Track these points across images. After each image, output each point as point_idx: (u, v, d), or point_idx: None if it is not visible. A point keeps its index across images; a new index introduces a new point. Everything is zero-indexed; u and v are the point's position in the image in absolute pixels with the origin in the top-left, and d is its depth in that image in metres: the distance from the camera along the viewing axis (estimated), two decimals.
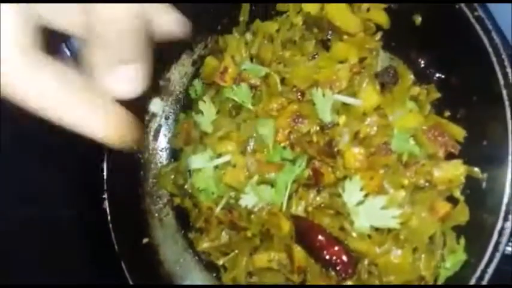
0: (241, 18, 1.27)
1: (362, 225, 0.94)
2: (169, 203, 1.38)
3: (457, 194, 0.99)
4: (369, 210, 0.94)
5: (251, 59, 1.21)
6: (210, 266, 1.30)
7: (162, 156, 1.40)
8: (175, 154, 1.38)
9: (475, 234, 0.92)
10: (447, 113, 1.04)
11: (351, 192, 0.96)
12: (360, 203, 0.96)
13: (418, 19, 1.04)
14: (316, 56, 1.11)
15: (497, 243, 0.82)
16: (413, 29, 1.05)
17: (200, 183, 1.18)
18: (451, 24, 0.94)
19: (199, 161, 1.19)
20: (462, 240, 0.93)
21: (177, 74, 1.39)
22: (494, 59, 0.84)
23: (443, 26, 0.97)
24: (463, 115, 1.00)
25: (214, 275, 1.29)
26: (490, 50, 0.84)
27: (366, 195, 0.96)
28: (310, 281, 1.10)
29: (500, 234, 0.82)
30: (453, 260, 0.90)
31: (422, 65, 1.05)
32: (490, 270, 0.81)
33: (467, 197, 0.97)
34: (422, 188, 1.00)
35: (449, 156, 1.00)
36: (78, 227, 1.69)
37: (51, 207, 1.73)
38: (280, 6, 1.21)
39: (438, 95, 1.03)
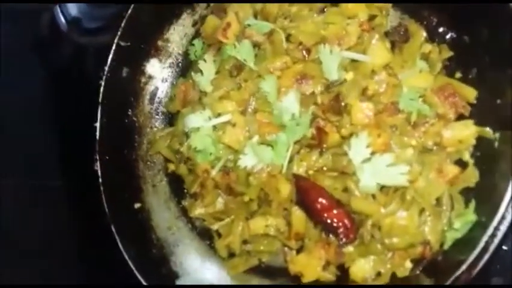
0: None
1: (368, 183, 0.90)
2: (163, 169, 1.33)
3: (467, 157, 0.95)
4: (375, 167, 0.90)
5: (255, 16, 1.16)
6: (203, 234, 1.25)
7: (158, 121, 1.35)
8: (171, 119, 1.33)
9: (484, 196, 0.88)
10: (458, 74, 1.00)
11: (357, 149, 0.91)
12: (367, 160, 0.91)
13: None
14: (324, 11, 1.07)
15: (511, 200, 0.77)
16: None
17: (197, 144, 1.13)
18: None
19: (197, 120, 1.14)
20: (472, 203, 0.89)
21: (177, 34, 1.34)
22: (511, 10, 0.79)
23: None
24: (475, 75, 0.97)
25: (208, 242, 1.24)
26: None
27: (373, 153, 0.92)
28: (308, 247, 1.05)
29: None
30: (463, 221, 0.86)
31: (434, 23, 1.01)
32: (503, 227, 0.77)
33: (478, 160, 0.93)
34: (431, 150, 0.96)
35: (460, 118, 0.96)
36: (69, 197, 1.65)
37: (41, 175, 1.68)
38: None
39: (450, 53, 0.99)
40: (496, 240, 0.78)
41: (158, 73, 1.34)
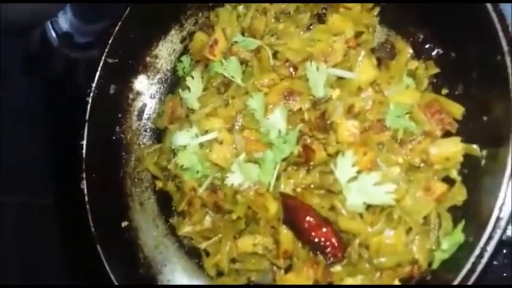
0: None
1: (355, 202, 0.89)
2: (151, 186, 1.32)
3: (454, 174, 0.94)
4: (362, 186, 0.88)
5: (242, 34, 1.16)
6: (191, 253, 1.24)
7: (146, 137, 1.34)
8: (159, 136, 1.32)
9: (472, 214, 0.87)
10: (445, 91, 1.00)
11: (344, 168, 0.90)
12: (353, 179, 0.90)
13: None
14: (310, 28, 1.07)
15: (498, 219, 0.76)
16: (413, 3, 1.01)
17: (184, 162, 1.12)
18: None
19: (184, 137, 1.13)
20: (461, 223, 0.87)
21: (165, 50, 1.33)
22: (498, 26, 0.79)
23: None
24: (462, 91, 0.96)
25: (196, 261, 1.22)
26: (493, 16, 0.80)
27: (359, 172, 0.90)
28: (296, 266, 1.04)
29: (501, 210, 0.77)
30: (450, 242, 0.85)
31: (421, 40, 1.00)
32: (490, 248, 0.76)
33: (465, 177, 0.92)
34: (418, 168, 0.95)
35: (447, 135, 0.96)
36: (53, 212, 1.63)
37: (26, 193, 1.67)
38: None
39: (437, 70, 0.98)
40: (484, 261, 0.77)
41: (146, 89, 1.34)
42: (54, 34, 1.77)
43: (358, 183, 0.90)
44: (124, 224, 1.24)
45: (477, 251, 0.77)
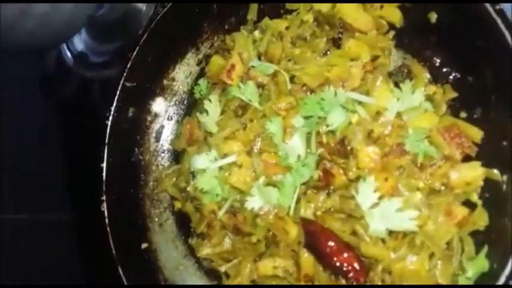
0: (249, 17, 1.24)
1: (377, 228, 0.89)
2: (169, 207, 1.33)
3: (475, 198, 0.94)
4: (384, 212, 0.89)
5: (259, 58, 1.17)
6: (211, 274, 1.24)
7: (164, 158, 1.36)
8: (177, 157, 1.34)
9: (495, 240, 0.87)
10: (463, 114, 1.00)
11: (365, 194, 0.91)
12: (375, 205, 0.91)
13: (434, 16, 1.01)
14: (327, 53, 1.08)
15: None
16: (429, 27, 1.01)
17: (204, 185, 1.13)
18: (469, 20, 0.91)
19: (203, 161, 1.14)
20: (484, 249, 0.88)
21: (182, 73, 1.35)
22: None
23: (461, 22, 0.94)
24: (480, 115, 0.97)
25: (216, 283, 1.23)
26: (509, 40, 0.80)
27: (381, 198, 0.91)
28: None
29: None
30: (475, 269, 0.85)
31: (438, 64, 1.01)
32: None
33: (486, 201, 0.92)
34: (438, 192, 0.95)
35: (466, 159, 0.96)
36: (74, 232, 1.65)
37: (47, 211, 1.69)
38: (290, 5, 1.18)
39: (455, 94, 0.99)
40: None
41: (164, 111, 1.35)
42: (69, 54, 1.80)
43: (380, 209, 0.90)
44: (144, 245, 1.25)
45: (502, 279, 0.77)
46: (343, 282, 1.00)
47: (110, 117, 1.25)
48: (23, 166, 1.71)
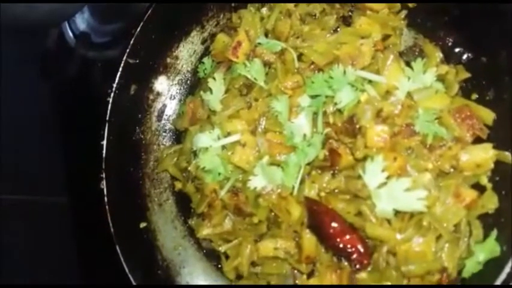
0: None
1: (384, 208, 0.87)
2: (170, 187, 1.31)
3: (484, 181, 0.92)
4: (392, 192, 0.87)
5: (266, 35, 1.15)
6: (210, 255, 1.23)
7: (165, 138, 1.33)
8: (178, 137, 1.31)
9: (505, 223, 0.85)
10: (475, 96, 0.98)
11: (373, 173, 0.88)
12: (382, 185, 0.88)
13: None
14: (337, 31, 1.05)
15: None
16: (442, 6, 0.99)
17: (206, 163, 1.11)
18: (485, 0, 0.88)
19: (206, 139, 1.12)
20: (494, 233, 0.85)
21: (186, 52, 1.32)
22: None
23: (476, 2, 0.91)
24: (493, 97, 0.94)
25: (215, 263, 1.21)
26: None
27: (388, 177, 0.89)
28: (319, 271, 1.02)
29: None
30: (486, 254, 0.82)
31: (451, 44, 0.99)
32: None
33: (496, 184, 0.90)
34: (447, 174, 0.93)
35: (477, 141, 0.94)
36: (72, 214, 1.63)
37: (45, 192, 1.67)
38: None
39: (467, 74, 0.97)
40: None
41: (166, 90, 1.33)
42: (71, 34, 1.77)
43: (388, 189, 0.88)
44: (142, 225, 1.23)
45: (510, 264, 0.75)
46: (345, 264, 0.98)
47: (112, 94, 1.22)
48: (21, 146, 1.68)
